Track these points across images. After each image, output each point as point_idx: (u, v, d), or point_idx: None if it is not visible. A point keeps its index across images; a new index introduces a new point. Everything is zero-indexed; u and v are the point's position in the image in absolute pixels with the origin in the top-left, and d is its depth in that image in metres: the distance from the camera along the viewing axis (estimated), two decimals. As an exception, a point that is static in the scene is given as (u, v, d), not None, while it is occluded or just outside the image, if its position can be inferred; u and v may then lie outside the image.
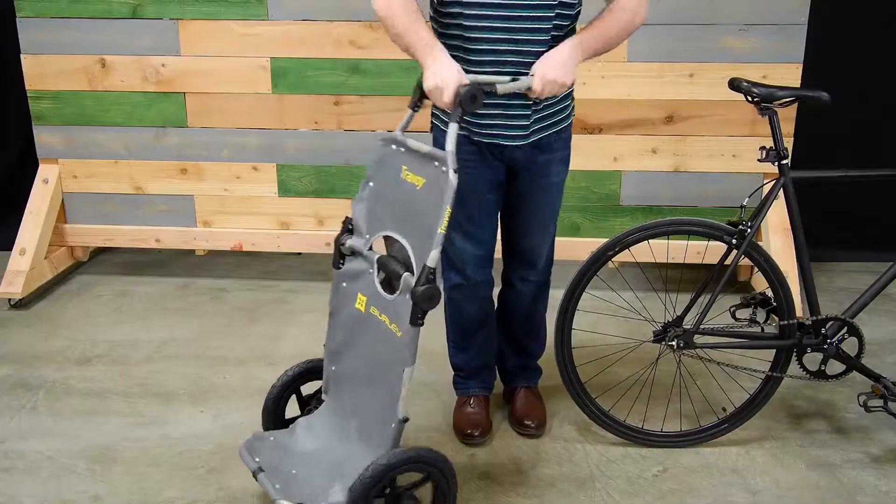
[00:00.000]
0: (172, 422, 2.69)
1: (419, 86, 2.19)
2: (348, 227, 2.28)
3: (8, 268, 3.55)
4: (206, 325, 3.37)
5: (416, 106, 2.23)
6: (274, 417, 2.40)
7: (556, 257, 3.64)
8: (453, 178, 1.99)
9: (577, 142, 3.50)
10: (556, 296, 2.50)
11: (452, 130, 2.03)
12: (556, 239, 3.59)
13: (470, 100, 2.03)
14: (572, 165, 3.52)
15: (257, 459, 2.20)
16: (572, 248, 3.59)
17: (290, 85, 3.54)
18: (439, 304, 2.02)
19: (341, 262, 2.29)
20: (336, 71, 3.51)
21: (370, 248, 2.23)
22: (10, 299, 3.52)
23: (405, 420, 2.06)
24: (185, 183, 3.71)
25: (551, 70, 2.12)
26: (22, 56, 3.61)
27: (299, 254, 4.04)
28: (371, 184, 2.25)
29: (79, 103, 3.65)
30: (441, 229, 1.98)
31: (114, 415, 2.73)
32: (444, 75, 2.07)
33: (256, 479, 2.15)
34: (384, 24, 2.16)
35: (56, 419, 2.71)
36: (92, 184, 3.75)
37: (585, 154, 3.53)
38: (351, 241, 2.26)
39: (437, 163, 2.05)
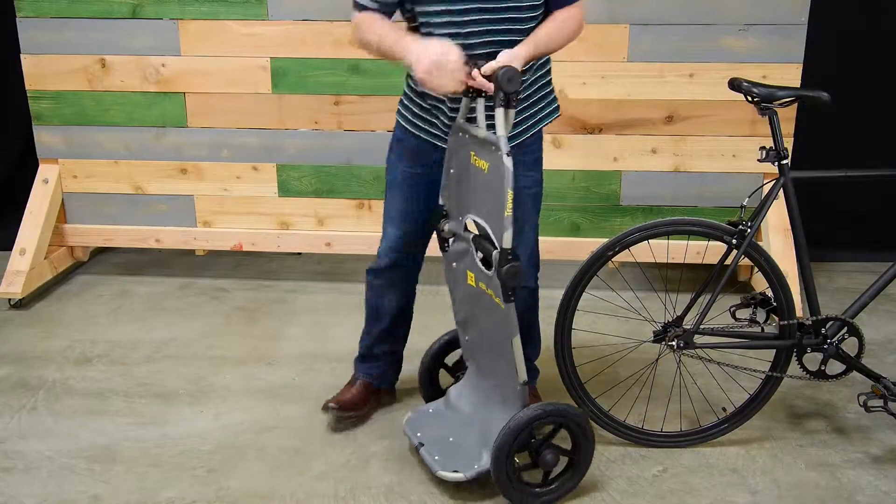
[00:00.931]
0: (172, 422, 2.69)
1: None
2: (443, 213, 2.37)
3: (8, 268, 3.55)
4: (206, 325, 3.37)
5: (468, 93, 2.19)
6: (429, 388, 2.61)
7: (555, 257, 3.66)
8: (507, 161, 2.04)
9: (578, 142, 3.53)
10: (556, 296, 2.50)
11: (500, 114, 2.05)
12: (556, 239, 3.63)
13: (508, 80, 2.02)
14: (572, 165, 3.56)
15: (419, 434, 2.40)
16: (572, 248, 3.60)
17: (290, 85, 3.54)
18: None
19: (446, 245, 2.39)
20: (336, 71, 3.51)
21: (465, 229, 2.33)
22: (10, 299, 3.52)
23: (525, 383, 2.22)
24: (185, 183, 3.71)
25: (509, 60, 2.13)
26: (22, 56, 3.61)
27: (299, 254, 4.04)
28: (452, 171, 2.32)
29: (79, 103, 3.65)
30: (507, 212, 2.06)
31: (114, 415, 2.73)
32: (437, 50, 2.03)
33: (419, 453, 2.35)
34: (363, 46, 2.19)
35: (56, 419, 2.71)
36: (92, 184, 3.75)
37: (585, 154, 3.53)
38: (449, 226, 2.36)
39: (493, 147, 2.10)
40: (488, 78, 2.07)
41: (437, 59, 2.03)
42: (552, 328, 2.48)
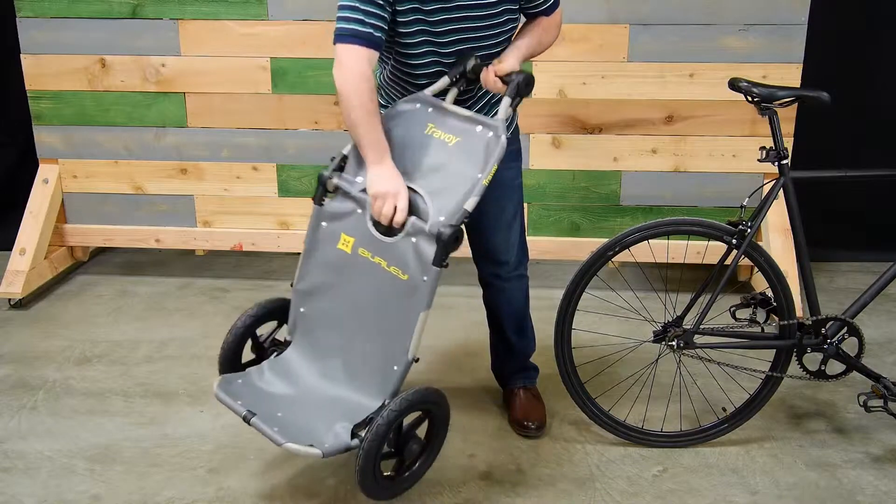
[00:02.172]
0: (172, 422, 2.69)
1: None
2: (340, 164, 2.25)
3: (8, 268, 3.55)
4: (206, 325, 3.37)
5: (454, 78, 2.24)
6: (232, 363, 2.34)
7: (555, 257, 3.67)
8: (504, 141, 2.11)
9: (578, 142, 3.53)
10: (556, 296, 2.50)
11: (505, 104, 2.17)
12: (556, 239, 3.63)
13: (527, 85, 2.19)
14: (572, 165, 3.56)
15: (239, 402, 2.13)
16: (572, 248, 3.60)
17: (290, 85, 3.54)
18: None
19: (323, 199, 2.26)
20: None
21: (362, 191, 2.20)
22: (10, 299, 3.52)
23: (416, 360, 2.12)
24: (185, 183, 3.71)
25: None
26: (22, 56, 3.61)
27: (299, 254, 4.03)
28: (394, 133, 2.23)
29: (79, 103, 3.65)
30: (485, 181, 2.09)
31: (114, 415, 2.74)
32: (391, 184, 2.11)
33: (249, 424, 2.08)
34: (343, 102, 2.10)
35: (56, 419, 2.71)
36: (92, 184, 3.75)
37: (585, 154, 3.53)
38: (339, 180, 2.23)
39: (480, 127, 2.14)
40: (502, 78, 2.19)
41: (385, 191, 2.11)
42: (552, 328, 2.48)
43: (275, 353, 2.34)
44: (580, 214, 3.62)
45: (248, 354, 2.40)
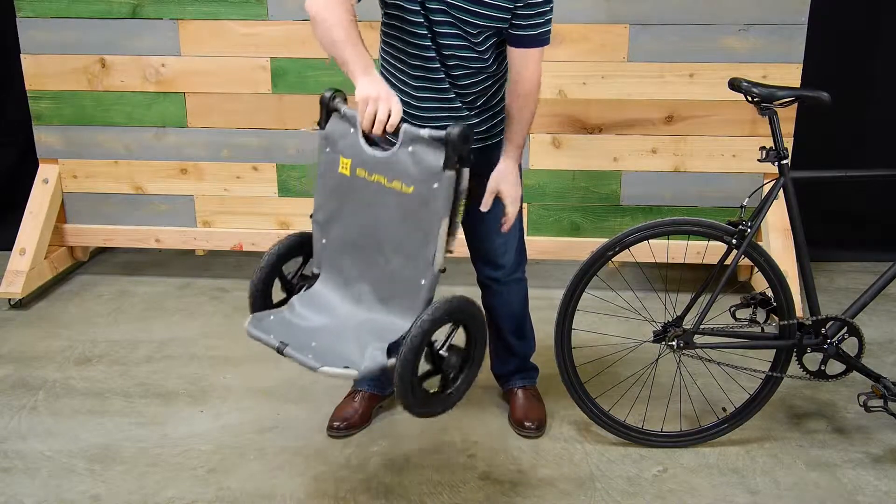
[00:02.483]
0: (172, 422, 2.69)
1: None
2: (345, 96, 2.18)
3: (8, 268, 3.55)
4: (206, 325, 3.37)
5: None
6: (263, 304, 2.27)
7: (555, 257, 3.67)
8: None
9: (578, 142, 3.53)
10: (556, 296, 2.50)
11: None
12: (556, 239, 3.63)
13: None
14: (572, 165, 3.56)
15: (272, 336, 2.07)
16: (572, 248, 3.60)
17: (290, 85, 3.54)
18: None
19: (326, 122, 2.19)
20: (336, 71, 3.47)
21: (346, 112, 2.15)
22: (10, 299, 3.52)
23: (443, 270, 2.03)
24: (185, 183, 3.71)
25: (514, 189, 2.30)
26: (22, 56, 3.61)
27: (299, 254, 4.03)
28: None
29: (79, 103, 3.65)
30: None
31: (114, 415, 2.73)
32: (379, 87, 2.00)
33: (284, 355, 2.03)
34: (318, 24, 2.03)
35: (56, 419, 2.71)
36: (92, 184, 3.75)
37: (585, 154, 3.53)
38: (337, 101, 2.16)
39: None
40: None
41: (375, 94, 1.99)
42: (552, 328, 2.48)
43: (304, 288, 2.27)
44: (580, 214, 3.62)
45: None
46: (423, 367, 2.01)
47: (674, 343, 2.44)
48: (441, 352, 2.05)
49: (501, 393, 2.77)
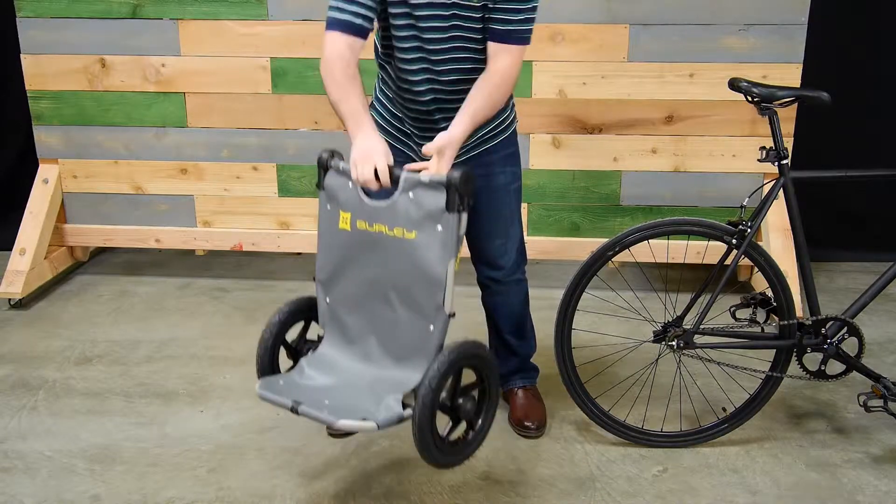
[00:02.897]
0: (172, 422, 2.69)
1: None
2: (342, 155, 2.23)
3: (8, 268, 3.55)
4: (206, 325, 3.37)
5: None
6: (272, 370, 2.25)
7: (555, 257, 3.67)
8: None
9: (578, 142, 3.53)
10: (556, 296, 2.50)
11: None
12: (556, 239, 3.63)
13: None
14: (572, 165, 3.56)
15: (284, 397, 2.04)
16: (572, 248, 3.60)
17: (290, 85, 3.54)
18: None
19: (322, 180, 2.23)
20: (336, 71, 3.50)
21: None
22: (10, 299, 3.52)
23: (452, 315, 2.05)
24: (185, 183, 3.71)
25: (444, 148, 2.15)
26: (22, 56, 3.61)
27: (299, 254, 4.04)
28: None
29: (79, 103, 3.65)
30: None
31: (114, 415, 2.74)
32: (368, 147, 2.09)
33: (298, 413, 2.00)
34: (324, 84, 2.20)
35: (56, 419, 2.71)
36: (92, 184, 3.75)
37: (585, 154, 3.53)
38: (334, 160, 2.20)
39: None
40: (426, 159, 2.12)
41: (362, 157, 2.08)
42: (552, 328, 2.49)
43: (310, 350, 2.28)
44: (580, 214, 3.62)
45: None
46: (441, 418, 2.01)
47: (674, 343, 2.44)
48: (457, 401, 2.06)
49: (501, 393, 2.77)
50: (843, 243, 3.99)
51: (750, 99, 2.39)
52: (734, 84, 2.43)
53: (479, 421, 2.11)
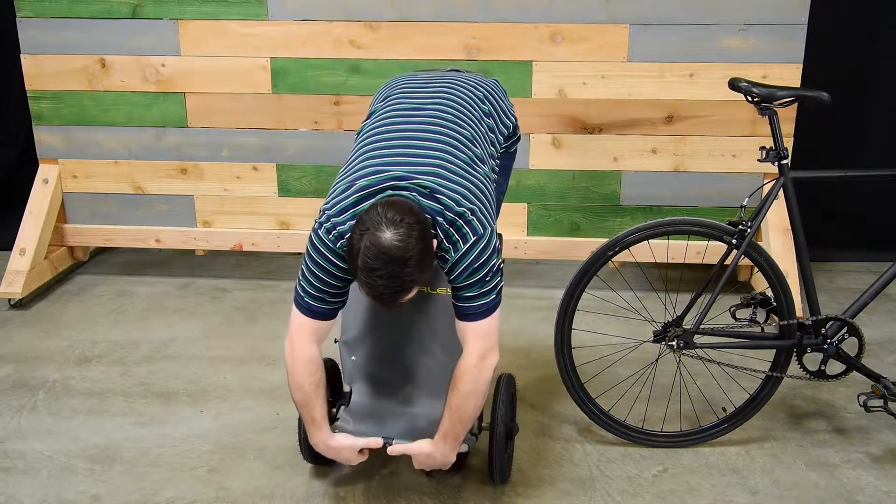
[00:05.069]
0: (172, 422, 2.69)
1: None
2: None
3: (8, 268, 3.55)
4: (206, 325, 3.37)
5: None
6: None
7: (555, 257, 3.67)
8: None
9: (578, 142, 3.53)
10: (556, 296, 2.50)
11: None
12: (556, 239, 3.63)
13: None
14: (572, 165, 3.56)
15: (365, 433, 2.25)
16: (572, 248, 3.60)
17: (290, 85, 3.54)
18: None
19: None
20: (336, 71, 3.51)
21: None
22: (10, 299, 3.52)
23: None
24: (185, 183, 3.71)
25: (430, 462, 2.20)
26: (22, 56, 3.61)
27: (299, 254, 4.03)
28: None
29: (79, 103, 3.65)
30: None
31: (114, 415, 2.73)
32: (333, 452, 2.21)
33: (393, 444, 2.20)
34: (288, 375, 2.17)
35: (56, 419, 2.71)
36: (92, 184, 3.75)
37: (585, 154, 3.53)
38: None
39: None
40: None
41: (332, 454, 2.22)
42: (552, 328, 2.48)
43: (341, 407, 2.38)
44: (580, 214, 3.62)
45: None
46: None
47: (674, 343, 2.44)
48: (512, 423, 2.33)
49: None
50: (843, 243, 3.99)
51: (750, 99, 2.39)
52: (734, 84, 2.43)
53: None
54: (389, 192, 1.99)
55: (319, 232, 2.05)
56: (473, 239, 2.01)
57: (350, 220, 1.99)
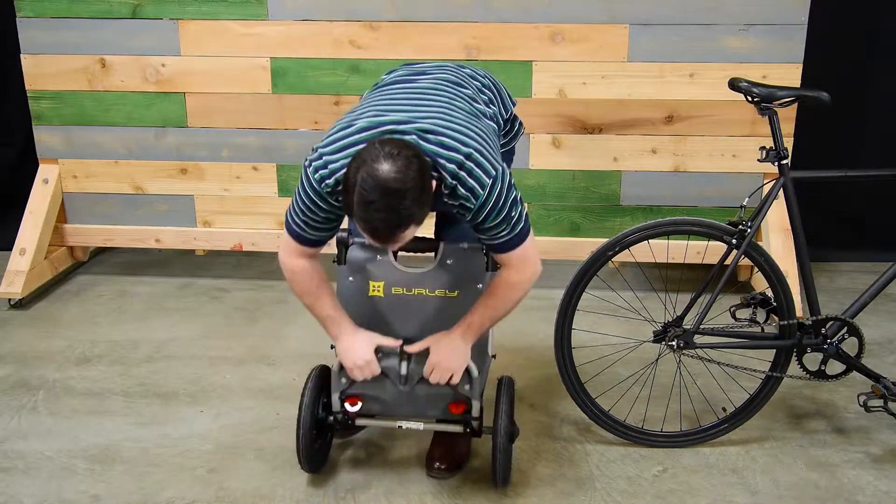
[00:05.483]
0: (172, 422, 2.69)
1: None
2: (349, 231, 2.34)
3: (8, 268, 3.55)
4: (206, 325, 3.37)
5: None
6: (315, 459, 2.35)
7: (555, 257, 3.66)
8: None
9: (578, 142, 3.53)
10: (556, 296, 2.50)
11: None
12: (556, 239, 3.63)
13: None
14: (572, 165, 3.56)
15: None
16: (572, 248, 3.60)
17: (290, 85, 3.54)
18: None
19: (343, 256, 2.34)
20: (336, 71, 3.51)
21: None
22: (10, 299, 3.51)
23: (493, 356, 2.33)
24: (185, 183, 3.71)
25: (445, 360, 2.19)
26: (22, 56, 3.61)
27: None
28: None
29: (79, 103, 3.65)
30: None
31: (114, 415, 2.73)
32: (356, 354, 2.20)
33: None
34: (290, 283, 2.25)
35: (56, 419, 2.71)
36: (92, 184, 3.75)
37: (585, 154, 3.53)
38: (355, 237, 2.32)
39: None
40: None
41: (352, 364, 2.21)
42: (552, 328, 2.48)
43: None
44: (580, 214, 3.62)
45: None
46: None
47: (674, 343, 2.44)
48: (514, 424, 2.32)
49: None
50: (843, 243, 3.99)
51: (750, 99, 2.39)
52: (734, 84, 2.43)
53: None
54: (388, 135, 1.99)
55: (308, 171, 2.06)
56: (490, 182, 2.00)
57: (345, 159, 1.99)
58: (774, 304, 2.47)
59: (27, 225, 3.65)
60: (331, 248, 2.28)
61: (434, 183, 1.97)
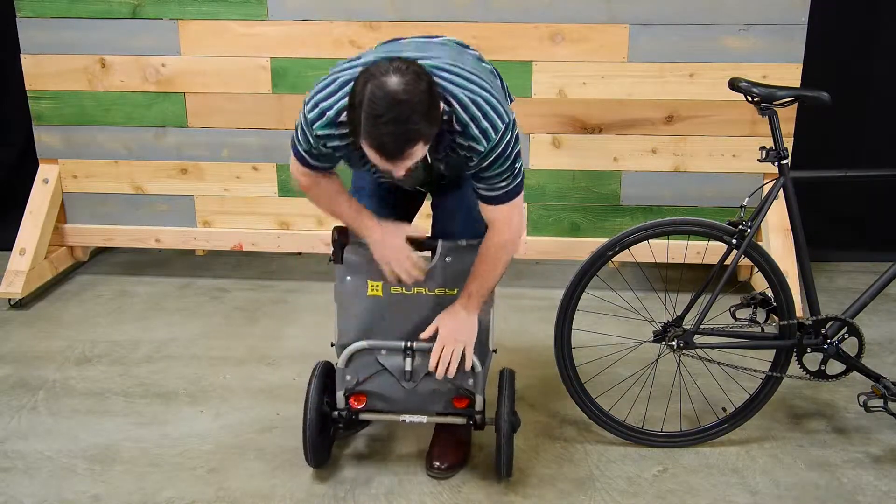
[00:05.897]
0: (172, 422, 2.69)
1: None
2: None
3: (8, 268, 3.55)
4: (206, 325, 3.37)
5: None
6: (322, 453, 2.37)
7: (555, 257, 3.67)
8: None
9: (578, 142, 3.53)
10: (556, 296, 2.50)
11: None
12: (556, 239, 3.63)
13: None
14: (572, 165, 3.56)
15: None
16: (572, 248, 3.60)
17: (290, 85, 3.54)
18: None
19: (341, 256, 2.34)
20: (336, 71, 3.50)
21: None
22: (10, 299, 3.51)
23: (494, 351, 2.35)
24: (185, 183, 3.71)
25: (454, 333, 2.22)
26: (22, 56, 3.61)
27: (299, 254, 4.04)
28: None
29: (79, 103, 3.65)
30: None
31: (114, 415, 2.73)
32: (387, 249, 2.22)
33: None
34: (309, 198, 2.27)
35: (56, 419, 2.71)
36: (92, 184, 3.75)
37: (585, 154, 3.53)
38: (351, 236, 2.33)
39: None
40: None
41: (389, 255, 2.22)
42: (552, 328, 2.48)
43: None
44: (580, 214, 3.62)
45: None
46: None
47: (674, 343, 2.44)
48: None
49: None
50: (842, 243, 3.99)
51: (750, 99, 2.39)
52: (734, 84, 2.43)
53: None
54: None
55: (305, 107, 2.05)
56: (503, 127, 1.99)
57: (344, 98, 1.96)
58: (774, 304, 2.47)
59: (27, 225, 3.65)
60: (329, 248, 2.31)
61: (445, 117, 1.94)
